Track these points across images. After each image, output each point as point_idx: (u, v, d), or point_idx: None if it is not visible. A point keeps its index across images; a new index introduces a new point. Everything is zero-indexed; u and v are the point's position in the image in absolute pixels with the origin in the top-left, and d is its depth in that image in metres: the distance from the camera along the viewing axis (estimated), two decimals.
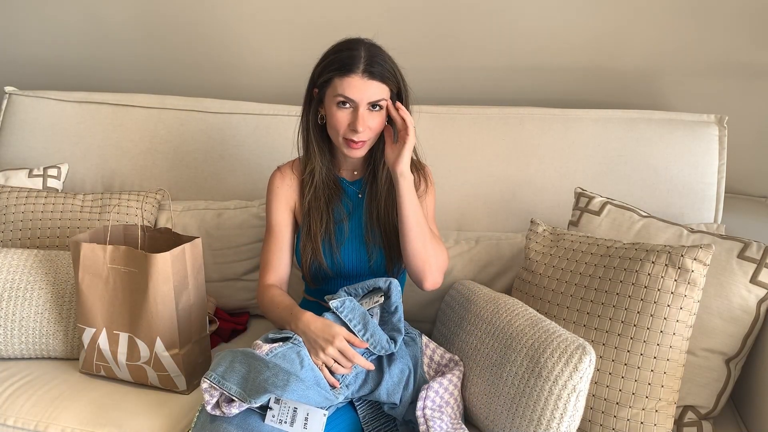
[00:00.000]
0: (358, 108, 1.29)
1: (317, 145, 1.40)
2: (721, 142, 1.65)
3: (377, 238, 1.41)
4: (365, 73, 1.28)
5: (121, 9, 2.07)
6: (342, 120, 1.31)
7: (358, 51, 1.29)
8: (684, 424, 1.29)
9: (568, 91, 1.89)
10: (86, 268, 1.38)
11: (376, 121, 1.32)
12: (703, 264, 1.20)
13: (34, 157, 2.00)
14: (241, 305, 1.80)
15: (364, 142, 1.33)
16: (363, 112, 1.29)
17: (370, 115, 1.31)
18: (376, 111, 1.31)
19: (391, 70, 1.31)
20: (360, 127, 1.29)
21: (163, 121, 1.96)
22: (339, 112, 1.31)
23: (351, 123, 1.30)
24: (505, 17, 1.80)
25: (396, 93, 1.34)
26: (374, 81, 1.29)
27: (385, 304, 1.31)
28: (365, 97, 1.29)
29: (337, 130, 1.32)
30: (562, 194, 1.69)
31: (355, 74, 1.28)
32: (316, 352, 1.21)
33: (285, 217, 1.44)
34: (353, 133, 1.30)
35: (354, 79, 1.28)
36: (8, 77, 2.25)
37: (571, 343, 1.12)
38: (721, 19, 1.67)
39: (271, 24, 1.98)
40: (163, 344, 1.35)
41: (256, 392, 1.11)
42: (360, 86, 1.28)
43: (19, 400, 1.36)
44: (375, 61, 1.29)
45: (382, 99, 1.31)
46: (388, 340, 1.26)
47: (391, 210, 1.41)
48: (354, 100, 1.29)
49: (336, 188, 1.43)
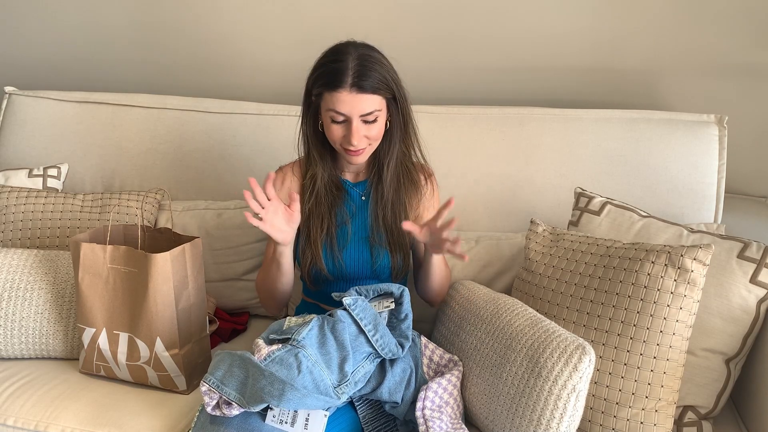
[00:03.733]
0: (351, 122, 1.27)
1: (317, 152, 1.39)
2: (721, 142, 1.65)
3: (382, 239, 1.40)
4: (353, 87, 1.24)
5: (121, 9, 2.07)
6: (337, 133, 1.30)
7: (346, 62, 1.25)
8: (684, 424, 1.29)
9: (568, 91, 1.89)
10: (86, 268, 1.38)
11: (373, 131, 1.30)
12: (703, 264, 1.20)
13: (34, 157, 2.00)
14: (241, 305, 1.80)
15: (364, 150, 1.32)
16: (357, 125, 1.27)
17: (366, 127, 1.29)
18: (371, 123, 1.29)
19: (382, 78, 1.27)
20: (354, 141, 1.27)
21: (163, 121, 1.96)
22: (333, 126, 1.29)
23: (345, 136, 1.29)
24: (505, 17, 1.80)
25: (392, 98, 1.32)
26: (364, 94, 1.25)
27: (395, 311, 1.31)
28: (356, 111, 1.26)
29: (335, 142, 1.32)
30: (562, 194, 1.69)
31: (343, 89, 1.24)
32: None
33: None
34: (350, 145, 1.29)
35: (342, 94, 1.25)
36: (8, 77, 2.25)
37: (570, 343, 1.12)
38: (722, 19, 1.67)
39: (271, 24, 1.98)
40: (163, 344, 1.35)
41: (254, 400, 1.11)
42: (349, 101, 1.25)
43: (19, 400, 1.36)
44: (363, 73, 1.25)
45: (375, 110, 1.28)
46: (397, 344, 1.26)
47: (398, 212, 1.40)
48: (345, 114, 1.26)
49: (339, 191, 1.42)
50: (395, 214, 1.40)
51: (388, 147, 1.38)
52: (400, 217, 1.40)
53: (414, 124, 1.40)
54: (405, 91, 1.34)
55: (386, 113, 1.33)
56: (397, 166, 1.40)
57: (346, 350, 1.19)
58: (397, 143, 1.38)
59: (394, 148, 1.38)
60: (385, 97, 1.30)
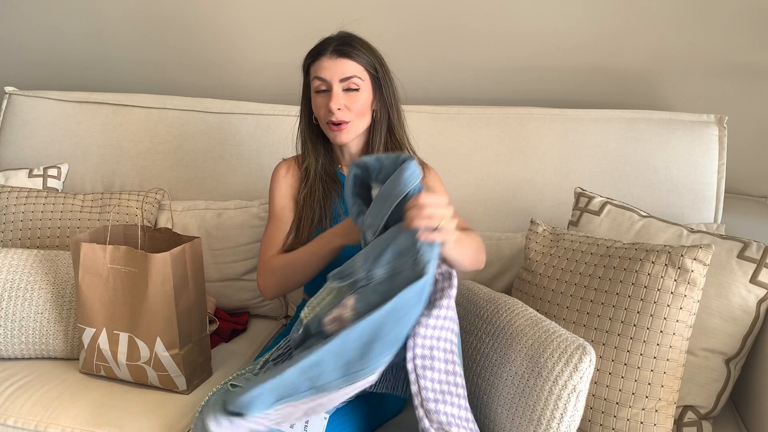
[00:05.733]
0: (332, 87, 1.33)
1: (311, 142, 1.44)
2: (721, 142, 1.65)
3: None
4: (334, 52, 1.33)
5: (121, 9, 2.07)
6: (321, 105, 1.35)
7: (331, 38, 1.36)
8: (684, 424, 1.29)
9: (568, 91, 1.89)
10: (86, 268, 1.38)
11: (355, 103, 1.34)
12: (703, 264, 1.20)
13: (34, 157, 2.00)
14: (241, 305, 1.80)
15: (346, 123, 1.35)
16: (336, 91, 1.33)
17: (347, 96, 1.34)
18: (353, 91, 1.34)
19: (363, 52, 1.35)
20: (334, 105, 1.32)
21: (163, 121, 1.96)
22: (317, 98, 1.36)
23: (327, 104, 1.34)
24: (505, 17, 1.80)
25: (375, 77, 1.37)
26: (343, 59, 1.33)
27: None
28: (336, 74, 1.33)
29: (320, 116, 1.36)
30: (562, 194, 1.69)
31: (324, 55, 1.34)
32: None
33: (288, 202, 1.44)
34: (331, 114, 1.33)
35: (323, 61, 1.33)
36: (8, 77, 2.25)
37: (571, 343, 1.12)
38: (722, 19, 1.67)
39: (271, 24, 1.98)
40: (163, 344, 1.35)
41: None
42: (329, 65, 1.33)
43: (19, 400, 1.36)
44: (345, 42, 1.34)
45: (355, 76, 1.34)
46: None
47: None
48: (326, 79, 1.33)
49: (334, 183, 1.43)
50: None
51: (379, 137, 1.41)
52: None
53: (403, 117, 1.44)
54: (391, 78, 1.40)
55: (370, 91, 1.37)
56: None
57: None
58: (386, 132, 1.41)
59: (382, 137, 1.41)
60: (367, 70, 1.36)
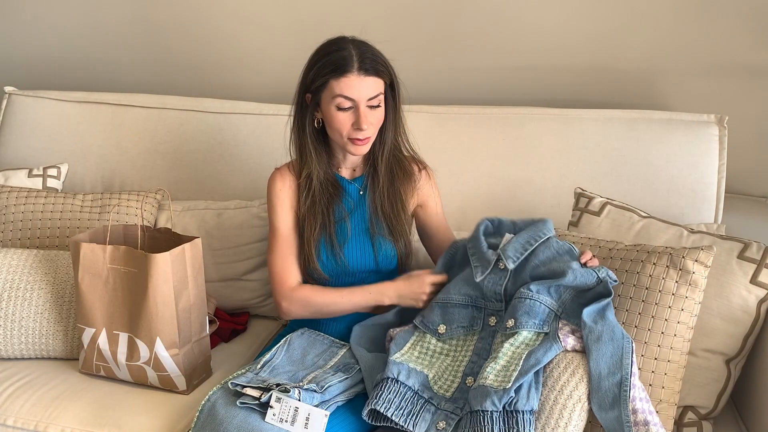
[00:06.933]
0: (359, 106, 1.31)
1: (313, 148, 1.40)
2: (721, 142, 1.65)
3: (383, 229, 1.43)
4: (360, 71, 1.30)
5: (121, 9, 2.07)
6: (344, 121, 1.32)
7: (348, 50, 1.31)
8: (684, 424, 1.28)
9: (568, 91, 1.89)
10: (86, 268, 1.38)
11: (377, 116, 1.35)
12: (704, 265, 1.20)
13: (34, 157, 1.99)
14: (241, 305, 1.80)
15: (369, 138, 1.35)
16: (364, 109, 1.31)
17: (371, 112, 1.33)
18: (376, 108, 1.34)
19: (382, 62, 1.34)
20: (364, 125, 1.31)
21: (163, 121, 1.96)
22: (340, 114, 1.32)
23: (354, 122, 1.32)
24: (505, 17, 1.80)
25: (389, 84, 1.36)
26: (370, 77, 1.31)
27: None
28: (364, 94, 1.31)
29: (341, 132, 1.33)
30: (562, 194, 1.68)
31: (351, 73, 1.29)
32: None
33: (290, 219, 1.44)
34: (358, 132, 1.32)
35: (350, 78, 1.29)
36: (8, 77, 2.25)
37: (577, 354, 1.12)
38: (721, 19, 1.67)
39: (271, 24, 1.98)
40: (163, 344, 1.35)
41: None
42: (357, 84, 1.30)
43: (19, 400, 1.36)
44: (366, 57, 1.31)
45: (379, 93, 1.33)
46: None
47: (395, 201, 1.43)
48: (354, 99, 1.30)
49: (336, 188, 1.43)
50: (392, 203, 1.43)
51: (382, 139, 1.41)
52: (396, 206, 1.43)
53: (404, 118, 1.44)
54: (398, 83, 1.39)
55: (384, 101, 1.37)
56: (390, 158, 1.44)
57: None
58: (391, 134, 1.41)
59: (388, 140, 1.41)
60: (385, 82, 1.35)
